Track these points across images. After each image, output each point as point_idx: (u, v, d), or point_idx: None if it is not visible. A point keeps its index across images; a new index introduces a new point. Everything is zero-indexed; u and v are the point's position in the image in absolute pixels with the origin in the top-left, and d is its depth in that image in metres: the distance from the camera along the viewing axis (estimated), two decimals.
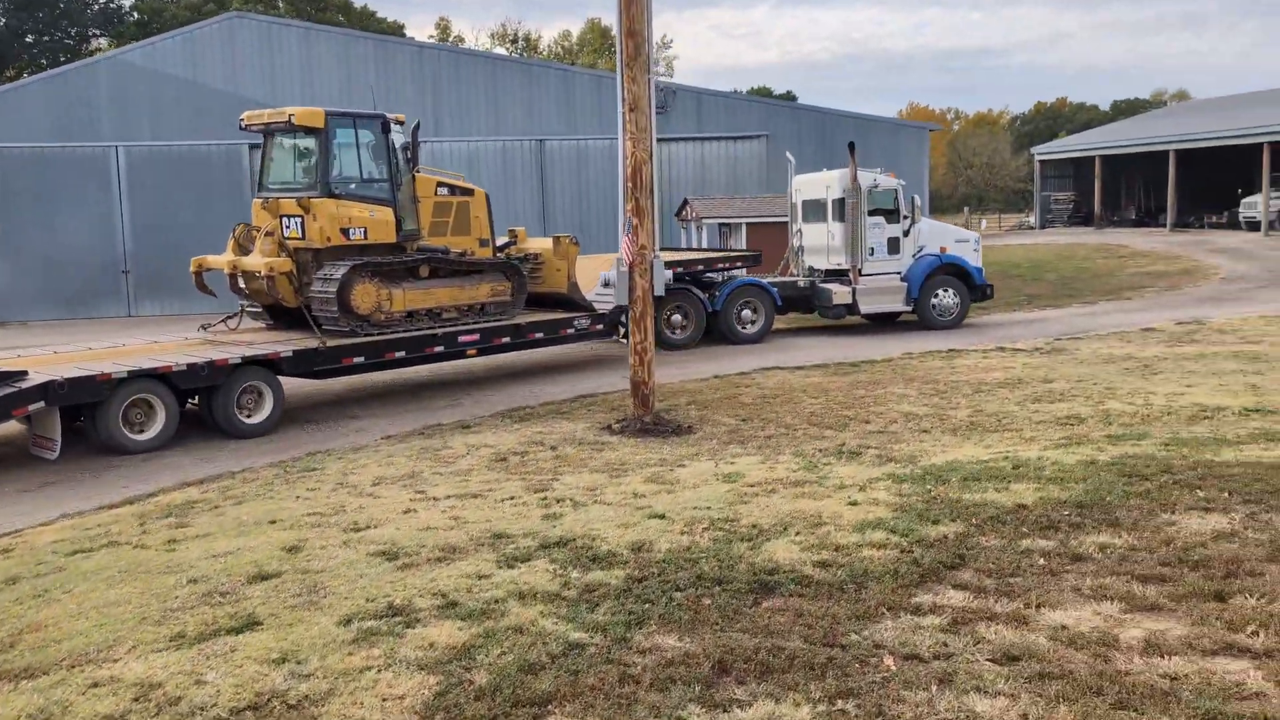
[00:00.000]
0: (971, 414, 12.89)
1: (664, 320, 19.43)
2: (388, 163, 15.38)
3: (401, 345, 15.09)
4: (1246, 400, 12.75)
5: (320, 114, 14.87)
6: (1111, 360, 16.66)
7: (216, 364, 13.08)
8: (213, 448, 12.75)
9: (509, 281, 16.69)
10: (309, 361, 14.18)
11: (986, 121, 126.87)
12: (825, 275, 21.41)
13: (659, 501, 7.80)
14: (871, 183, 20.93)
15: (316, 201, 14.68)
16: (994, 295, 22.58)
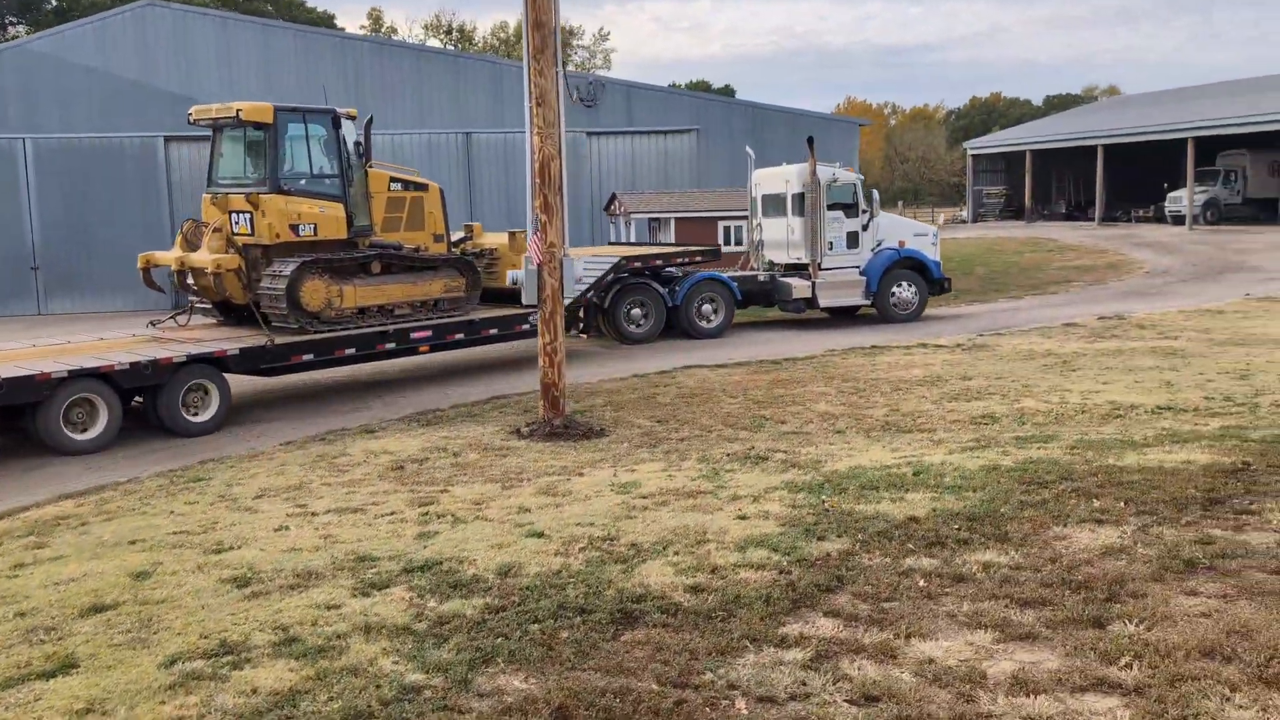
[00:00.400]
0: (887, 413, 12.70)
1: (624, 315, 19.43)
2: (339, 158, 15.24)
3: (352, 342, 14.92)
4: (1159, 398, 12.71)
5: (269, 109, 14.72)
6: (1031, 357, 16.62)
7: (160, 362, 12.86)
8: (150, 448, 12.33)
9: (463, 277, 16.51)
10: (257, 359, 14.02)
11: (923, 116, 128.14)
12: (785, 269, 21.39)
13: (543, 517, 7.44)
14: (831, 177, 20.97)
15: (265, 197, 14.53)
16: (951, 289, 22.77)
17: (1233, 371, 14.28)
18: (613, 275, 19.24)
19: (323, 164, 15.25)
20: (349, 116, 15.52)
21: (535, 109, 11.77)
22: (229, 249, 14.81)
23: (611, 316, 19.47)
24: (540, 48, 11.67)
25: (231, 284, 14.82)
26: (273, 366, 14.43)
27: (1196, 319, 20.24)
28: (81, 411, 12.39)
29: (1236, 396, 12.52)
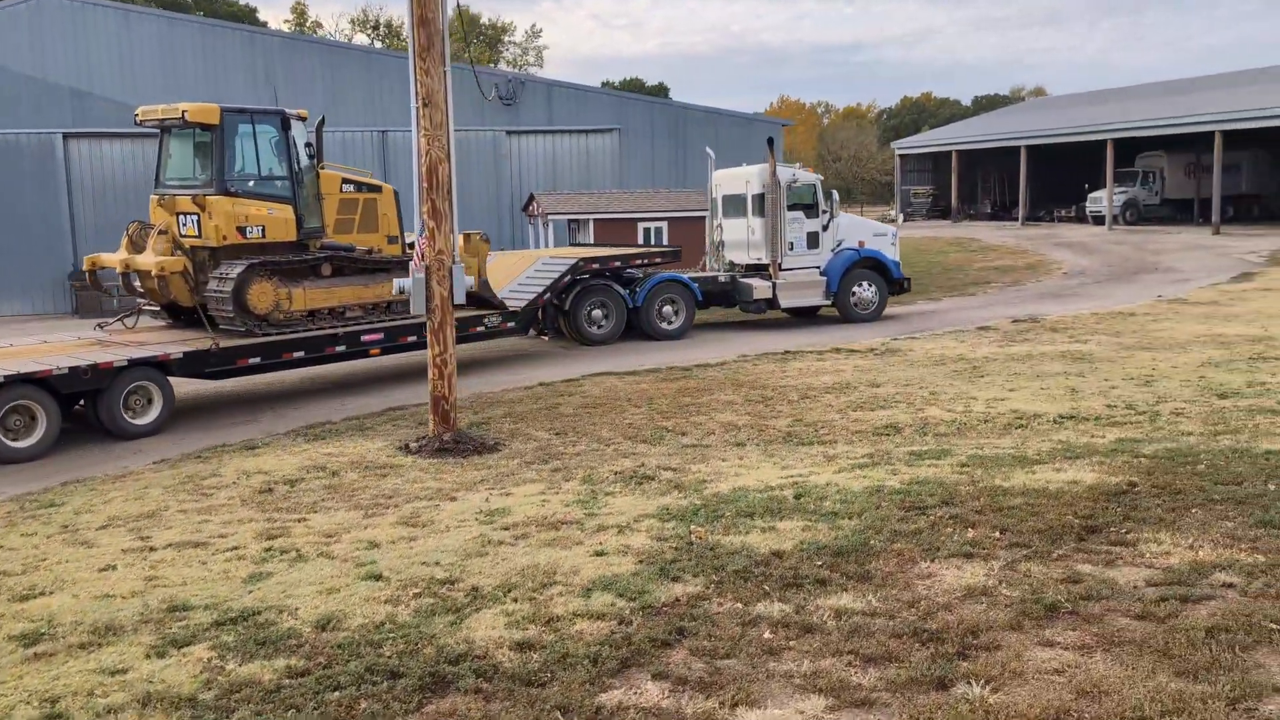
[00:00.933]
0: (791, 423, 12.43)
1: (584, 316, 19.34)
2: (288, 159, 15.10)
3: (300, 345, 14.84)
4: (1062, 406, 12.59)
5: (215, 110, 14.58)
6: (942, 362, 16.48)
7: (100, 366, 12.72)
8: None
9: None
10: (201, 363, 13.95)
11: (856, 115, 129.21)
12: (745, 270, 21.34)
13: (390, 555, 6.95)
14: (791, 178, 20.99)
15: (212, 199, 14.41)
16: (911, 289, 22.80)
17: (1137, 377, 14.25)
18: (570, 277, 19.09)
19: (271, 165, 15.10)
20: (299, 118, 15.36)
21: (421, 110, 11.26)
22: (175, 251, 14.67)
23: (572, 318, 19.34)
24: (426, 45, 11.17)
25: (177, 287, 14.68)
26: (219, 370, 14.32)
27: (1108, 322, 20.33)
28: (19, 418, 12.18)
29: (1138, 404, 12.44)
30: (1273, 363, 14.89)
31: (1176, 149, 47.25)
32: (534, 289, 18.66)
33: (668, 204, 27.07)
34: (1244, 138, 43.63)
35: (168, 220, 14.82)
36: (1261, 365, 14.65)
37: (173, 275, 14.58)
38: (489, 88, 30.35)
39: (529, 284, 18.92)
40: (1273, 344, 16.55)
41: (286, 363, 14.98)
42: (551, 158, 31.38)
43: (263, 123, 15.09)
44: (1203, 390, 13.07)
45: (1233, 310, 21.16)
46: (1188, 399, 12.58)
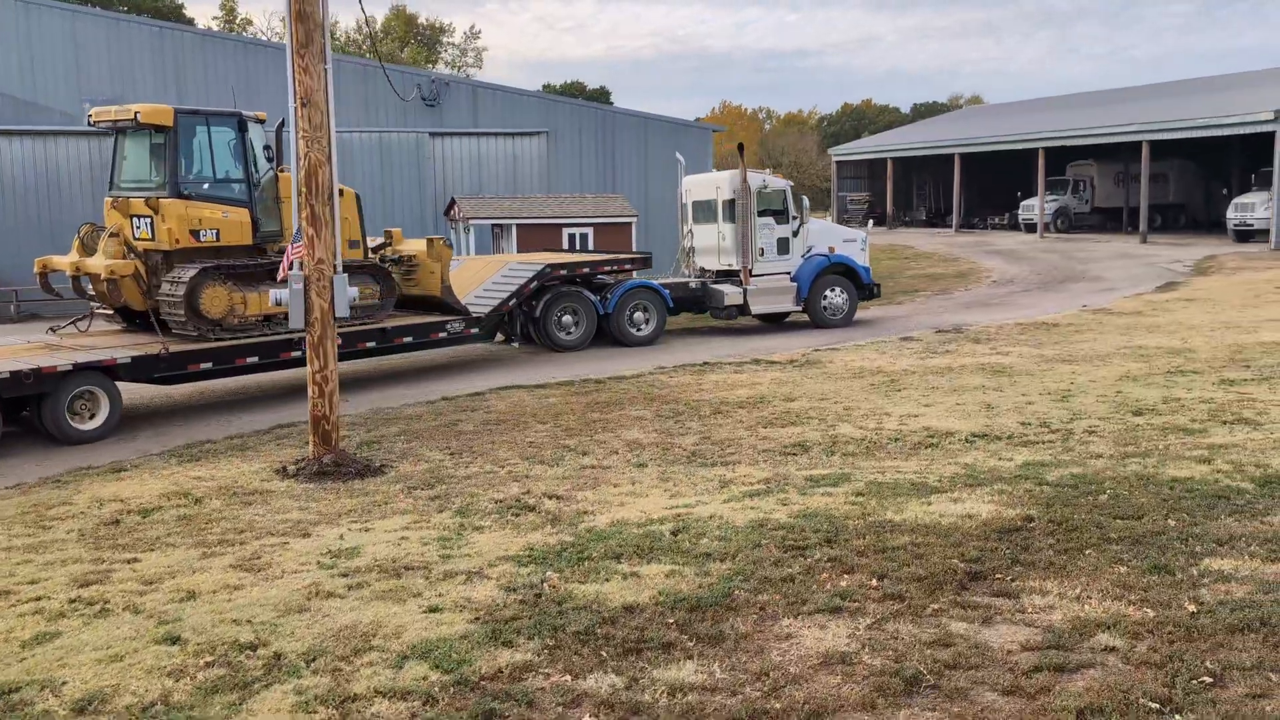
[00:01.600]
0: (697, 441, 11.91)
1: (554, 323, 19.14)
2: (244, 162, 14.92)
3: (254, 350, 14.65)
4: (976, 424, 12.21)
5: (169, 111, 14.45)
6: (861, 375, 16.10)
7: (43, 371, 12.55)
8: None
9: (377, 284, 16.21)
10: (150, 368, 13.77)
11: (796, 121, 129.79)
12: (716, 276, 21.26)
13: (203, 609, 6.21)
14: (761, 184, 20.93)
15: (165, 202, 14.26)
16: (881, 294, 22.79)
17: (1055, 392, 13.95)
18: (537, 283, 18.78)
19: (227, 168, 14.89)
20: (257, 120, 15.24)
21: (300, 110, 10.55)
22: (128, 254, 14.55)
23: (542, 324, 19.11)
24: (305, 41, 10.47)
25: (129, 290, 14.56)
26: (169, 375, 14.17)
27: (1031, 332, 20.13)
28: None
29: (1053, 422, 12.10)
30: (1189, 377, 14.69)
31: (1106, 158, 47.77)
32: (499, 295, 18.36)
33: (593, 209, 26.50)
34: (1171, 148, 44.19)
35: (120, 223, 14.66)
36: (1178, 380, 14.43)
37: (124, 279, 14.39)
38: (410, 88, 29.58)
39: (494, 290, 18.63)
40: (1190, 357, 16.40)
41: (239, 368, 14.76)
42: (477, 160, 30.65)
43: (218, 124, 14.90)
44: (1118, 407, 12.78)
45: (1155, 320, 21.09)
46: (1102, 416, 12.28)
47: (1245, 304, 23.03)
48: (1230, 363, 15.84)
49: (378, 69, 30.89)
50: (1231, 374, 14.81)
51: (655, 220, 31.76)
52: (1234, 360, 16.03)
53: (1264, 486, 7.99)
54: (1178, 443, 10.33)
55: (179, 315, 14.13)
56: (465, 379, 17.02)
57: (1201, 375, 14.84)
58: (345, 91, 29.26)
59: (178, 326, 14.33)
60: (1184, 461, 9.12)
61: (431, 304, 17.29)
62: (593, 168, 31.26)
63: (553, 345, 19.14)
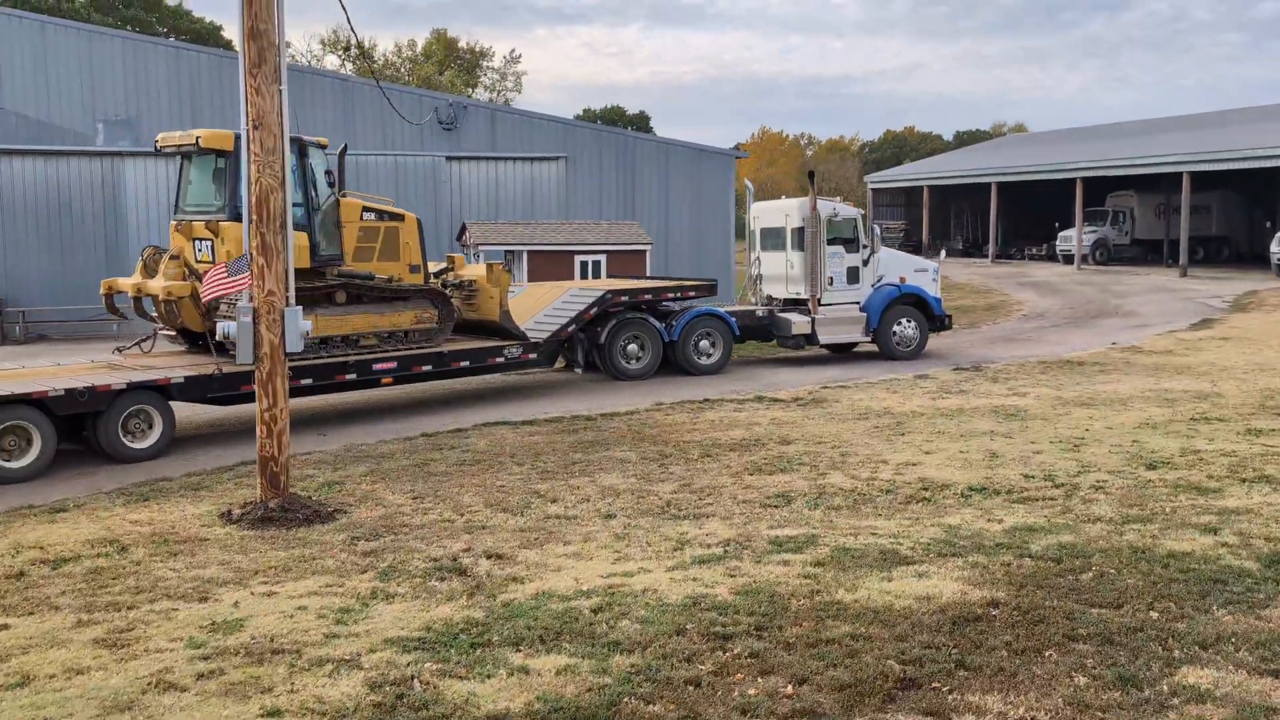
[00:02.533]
0: (675, 490, 11.19)
1: (619, 350, 18.80)
2: (303, 186, 14.89)
3: (308, 372, 14.65)
4: (976, 475, 11.38)
5: (229, 136, 14.43)
6: (866, 416, 15.29)
7: (98, 389, 12.81)
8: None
9: (435, 308, 16.28)
10: (203, 388, 13.90)
11: (838, 148, 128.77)
12: (784, 304, 20.98)
13: (18, 702, 5.49)
14: (831, 212, 20.52)
15: (225, 225, 14.31)
16: (952, 326, 22.15)
17: (1067, 440, 13.06)
18: (597, 309, 18.49)
19: (288, 192, 14.69)
20: (318, 145, 15.31)
21: (252, 133, 10.02)
22: (187, 276, 14.66)
23: (607, 352, 18.73)
24: (258, 61, 9.94)
25: (187, 311, 14.68)
26: (223, 395, 14.28)
27: (1053, 371, 19.17)
28: (15, 439, 12.25)
29: (1058, 474, 11.24)
30: (1214, 425, 13.73)
31: (1147, 189, 46.48)
32: (558, 321, 18.13)
33: (607, 236, 25.92)
34: (1214, 179, 42.89)
35: (183, 245, 14.86)
36: (1201, 429, 13.48)
37: (181, 300, 14.55)
38: (427, 111, 29.26)
39: (554, 316, 18.40)
40: (1218, 402, 15.41)
41: (292, 389, 14.66)
42: (494, 185, 30.21)
43: None
44: (1132, 459, 11.88)
45: (1185, 361, 20.05)
46: (1113, 469, 11.39)
47: None
48: (1260, 410, 14.85)
49: (394, 92, 30.63)
50: (1260, 422, 13.84)
51: (675, 247, 31.16)
52: (1264, 407, 15.04)
53: (1270, 567, 7.13)
54: (1187, 504, 9.44)
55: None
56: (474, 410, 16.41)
57: (1227, 423, 13.88)
58: (361, 114, 29.06)
59: (234, 348, 14.24)
60: (1188, 530, 8.26)
61: (491, 329, 17.30)
62: (612, 193, 30.72)
63: (617, 374, 18.78)
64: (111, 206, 26.45)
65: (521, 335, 17.33)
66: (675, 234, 31.30)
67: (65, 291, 26.16)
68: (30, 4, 48.63)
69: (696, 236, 31.44)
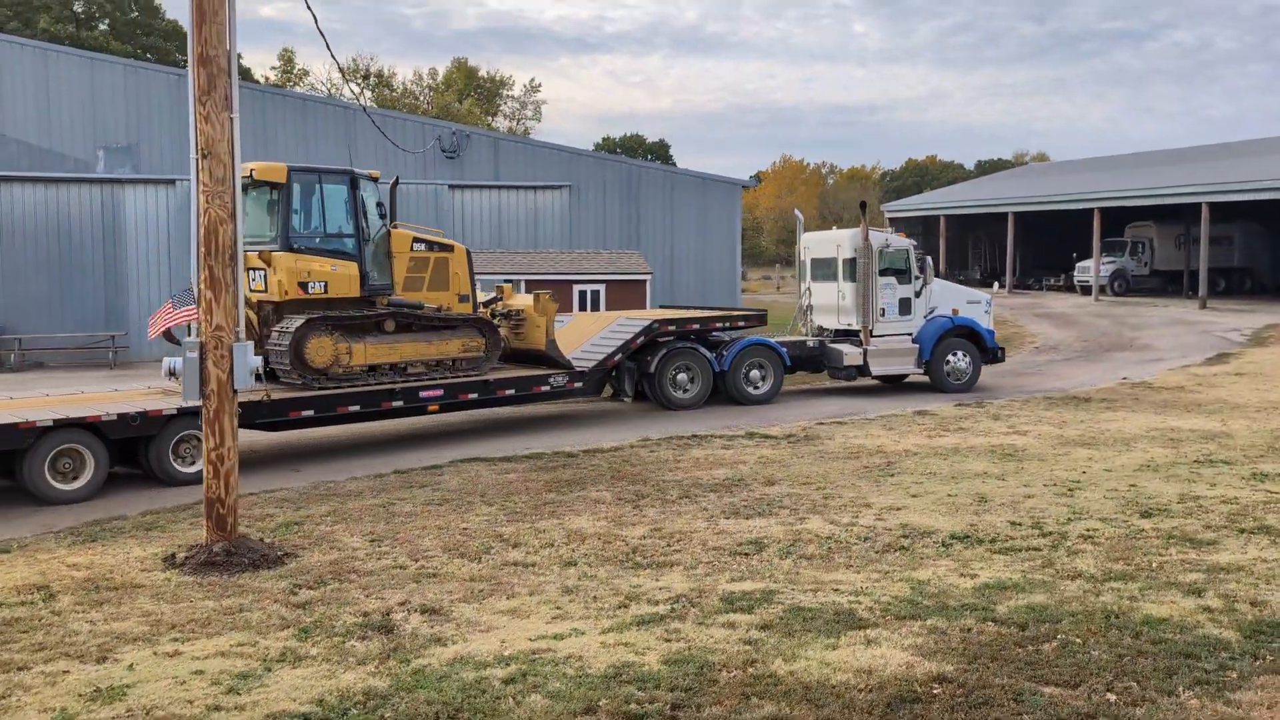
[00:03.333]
0: (645, 535, 10.69)
1: (669, 379, 18.86)
2: (355, 217, 15.30)
3: (355, 399, 15.05)
4: (961, 521, 10.83)
5: (282, 169, 14.91)
6: (857, 454, 14.75)
7: (149, 414, 13.10)
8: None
9: (482, 337, 16.54)
10: (252, 414, 13.99)
11: (859, 176, 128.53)
12: (835, 335, 20.93)
13: None
14: (883, 242, 20.44)
15: (276, 255, 14.74)
16: (1005, 358, 21.87)
17: (1062, 484, 12.48)
18: (644, 338, 18.61)
19: (339, 223, 15.34)
20: (370, 178, 15.71)
21: (201, 162, 9.67)
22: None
23: (657, 382, 18.79)
24: (207, 88, 9.61)
25: None
26: (272, 421, 14.58)
27: (1058, 408, 18.57)
28: (69, 462, 12.61)
29: (1047, 522, 10.67)
30: (1218, 468, 13.11)
31: (1166, 220, 45.74)
32: (604, 350, 18.29)
33: (608, 265, 25.56)
34: (1236, 209, 42.15)
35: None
36: (1204, 472, 12.86)
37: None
38: (429, 139, 29.08)
39: (601, 345, 18.58)
40: (1226, 443, 14.78)
41: (340, 416, 15.20)
42: (497, 214, 29.95)
43: (331, 181, 15.37)
44: (1127, 505, 11.30)
45: (1196, 398, 19.38)
46: (1105, 516, 10.81)
47: None
48: (1269, 451, 14.21)
49: (397, 119, 30.52)
50: (1268, 465, 13.21)
51: (680, 276, 30.77)
52: (1274, 449, 14.41)
53: (1250, 638, 6.55)
54: (1176, 559, 8.86)
55: (284, 364, 14.58)
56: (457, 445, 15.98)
57: (1233, 466, 13.25)
58: (363, 141, 28.90)
59: (285, 375, 14.76)
60: (1170, 591, 7.69)
61: (538, 358, 17.52)
62: (616, 222, 30.40)
63: (667, 403, 18.80)
64: (111, 234, 26.35)
65: (567, 364, 17.52)
66: (680, 263, 30.91)
67: (64, 318, 26.03)
68: (50, 32, 49.08)
69: (702, 265, 31.04)
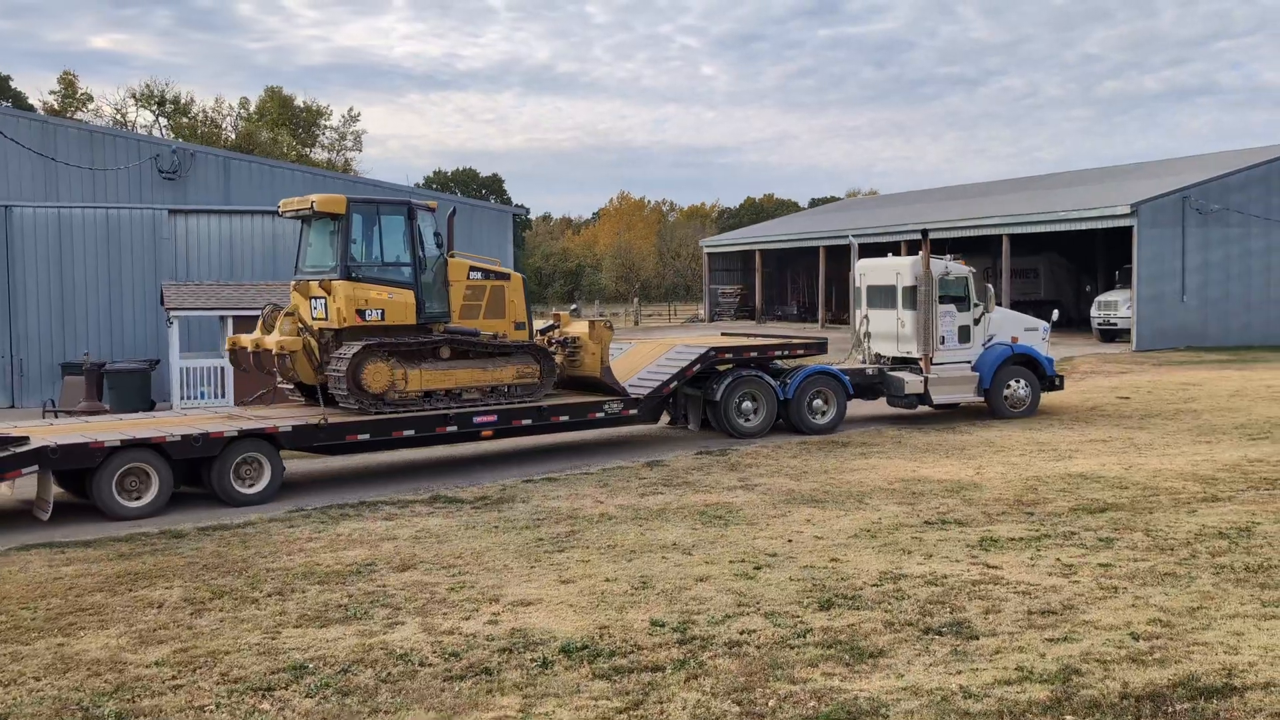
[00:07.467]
0: (157, 661, 7.76)
1: (734, 408, 18.41)
2: (411, 247, 15.54)
3: (411, 424, 15.24)
4: (596, 621, 8.28)
5: (342, 200, 15.26)
6: (541, 522, 12.16)
7: (211, 435, 13.66)
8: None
9: (537, 364, 16.58)
10: (309, 437, 14.62)
11: (698, 214, 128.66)
12: (894, 363, 20.37)
13: None
14: (943, 270, 19.99)
15: (336, 283, 15.07)
16: (1063, 386, 21.29)
17: (754, 558, 10.12)
18: (700, 365, 18.36)
19: (396, 252, 15.58)
20: (428, 209, 16.02)
21: None
22: (301, 332, 15.42)
23: (722, 409, 18.33)
24: None
25: (301, 365, 15.47)
26: (329, 445, 15.08)
27: (809, 454, 16.38)
28: (135, 480, 13.20)
29: (699, 621, 8.22)
30: (949, 530, 10.97)
31: (975, 252, 45.12)
32: (661, 377, 18.15)
33: None
34: (1042, 242, 41.92)
35: (300, 303, 15.65)
36: (927, 537, 10.67)
37: (292, 354, 15.31)
38: (144, 156, 25.50)
39: (657, 372, 18.41)
40: (970, 496, 12.73)
41: (396, 441, 15.45)
42: (229, 242, 26.46)
43: (389, 212, 15.65)
44: (811, 590, 8.93)
45: (963, 440, 17.54)
46: (776, 609, 8.41)
47: (1076, 419, 19.68)
48: (1014, 505, 12.21)
49: (107, 135, 26.81)
50: (1002, 527, 11.13)
51: None
52: (1021, 501, 12.42)
53: None
54: (816, 687, 6.41)
55: (342, 389, 14.78)
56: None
57: (965, 529, 11.12)
58: (71, 160, 25.11)
59: (342, 399, 14.99)
60: None
61: (594, 385, 17.42)
62: None
63: (732, 431, 18.37)
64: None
65: (622, 391, 17.42)
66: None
67: None
68: None
69: None
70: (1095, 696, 6.22)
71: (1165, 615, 7.91)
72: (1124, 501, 12.21)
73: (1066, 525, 11.10)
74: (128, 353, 24.95)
